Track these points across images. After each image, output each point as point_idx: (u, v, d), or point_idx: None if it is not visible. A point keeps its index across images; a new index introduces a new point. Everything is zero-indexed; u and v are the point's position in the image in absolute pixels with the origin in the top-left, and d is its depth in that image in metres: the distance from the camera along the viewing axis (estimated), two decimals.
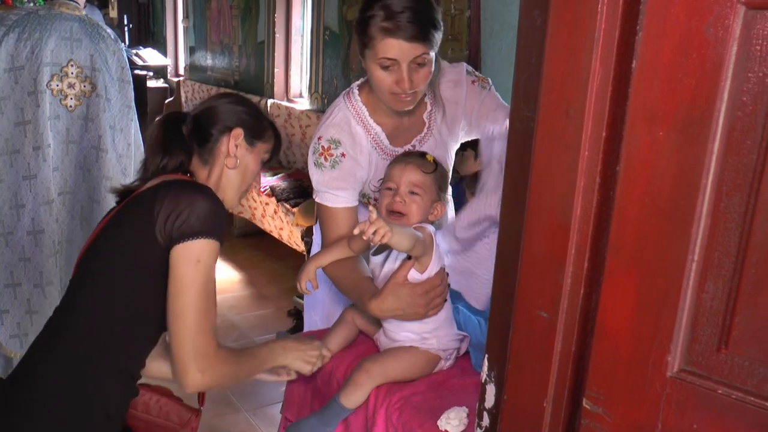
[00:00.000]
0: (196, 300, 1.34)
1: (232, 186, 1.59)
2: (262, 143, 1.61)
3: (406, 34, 1.54)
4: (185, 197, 1.36)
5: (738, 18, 0.67)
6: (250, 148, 1.58)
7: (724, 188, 0.72)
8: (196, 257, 1.34)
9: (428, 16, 1.56)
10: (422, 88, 1.64)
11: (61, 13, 2.73)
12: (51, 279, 2.82)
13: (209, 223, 1.36)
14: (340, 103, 1.78)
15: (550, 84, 0.83)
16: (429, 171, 1.60)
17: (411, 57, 1.57)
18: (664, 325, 0.78)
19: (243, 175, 1.59)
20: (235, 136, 1.54)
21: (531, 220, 0.88)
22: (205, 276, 1.36)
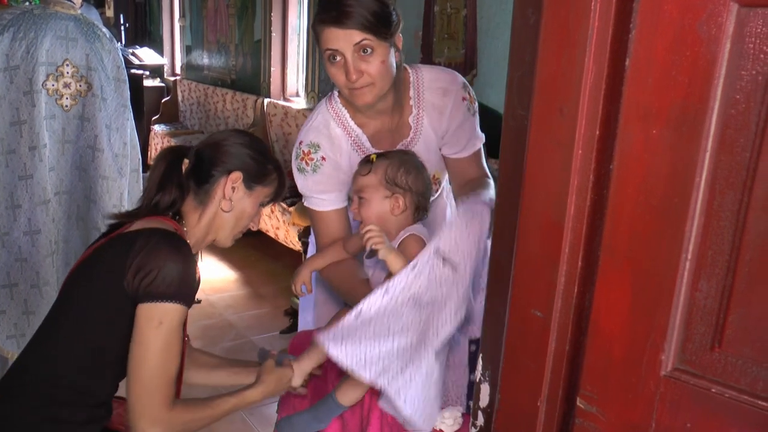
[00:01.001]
0: (152, 361, 1.36)
1: (224, 228, 1.58)
2: (262, 187, 1.59)
3: (341, 21, 1.53)
4: (158, 257, 1.36)
5: (731, 16, 0.67)
6: (248, 191, 1.56)
7: (718, 186, 0.72)
8: (158, 319, 1.36)
9: (368, 3, 1.54)
10: (379, 78, 1.59)
11: (57, 13, 2.72)
12: (48, 279, 2.81)
13: (176, 289, 1.36)
14: (321, 106, 1.78)
15: (544, 82, 0.82)
16: (364, 173, 1.59)
17: (350, 44, 1.54)
18: (658, 323, 0.78)
19: (237, 219, 1.58)
20: (233, 179, 1.53)
21: (524, 219, 0.88)
22: (165, 338, 1.37)
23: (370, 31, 1.54)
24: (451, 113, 1.76)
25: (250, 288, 4.41)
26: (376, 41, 1.55)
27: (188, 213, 1.56)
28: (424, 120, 1.76)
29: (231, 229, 1.59)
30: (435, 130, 1.76)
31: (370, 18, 1.53)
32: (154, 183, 1.53)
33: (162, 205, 1.52)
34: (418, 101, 1.75)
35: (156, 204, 1.51)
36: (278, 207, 4.32)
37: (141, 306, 1.36)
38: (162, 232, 1.43)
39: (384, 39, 1.57)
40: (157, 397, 1.37)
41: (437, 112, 1.76)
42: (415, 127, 1.76)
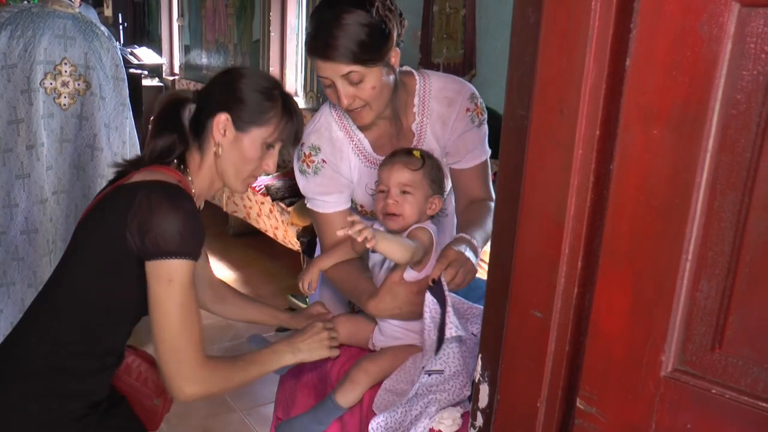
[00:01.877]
0: (173, 319, 1.33)
1: (228, 175, 1.50)
2: (258, 127, 1.46)
3: (323, 52, 1.52)
4: (158, 212, 1.31)
5: (732, 16, 0.67)
6: (240, 133, 1.46)
7: (719, 187, 0.72)
8: (167, 277, 1.32)
9: (352, 31, 1.50)
10: (373, 101, 1.59)
11: (55, 11, 2.72)
12: (45, 278, 2.80)
13: (179, 244, 1.32)
14: (324, 108, 1.77)
15: (544, 82, 0.82)
16: (416, 168, 1.57)
17: (338, 75, 1.53)
18: (658, 324, 0.78)
19: (238, 164, 1.48)
20: (219, 122, 1.44)
21: (525, 219, 0.87)
22: (180, 294, 1.33)
23: (357, 62, 1.52)
24: (454, 124, 1.73)
25: (249, 288, 4.40)
26: (364, 69, 1.53)
27: (191, 161, 1.50)
28: (427, 128, 1.74)
29: (235, 174, 1.49)
30: (438, 140, 1.74)
31: (356, 50, 1.50)
32: (152, 129, 1.48)
33: (160, 152, 1.45)
34: (422, 109, 1.73)
35: (159, 152, 1.45)
36: (277, 207, 4.31)
37: (148, 264, 1.33)
38: (161, 185, 1.36)
39: (373, 65, 1.54)
40: (187, 354, 1.34)
41: (441, 122, 1.73)
42: (419, 135, 1.74)
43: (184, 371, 1.34)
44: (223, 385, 1.40)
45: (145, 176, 1.39)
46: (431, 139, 1.74)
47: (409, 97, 1.72)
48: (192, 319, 1.35)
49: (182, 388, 1.35)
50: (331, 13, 1.51)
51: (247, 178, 1.52)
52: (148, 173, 1.40)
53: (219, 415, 2.94)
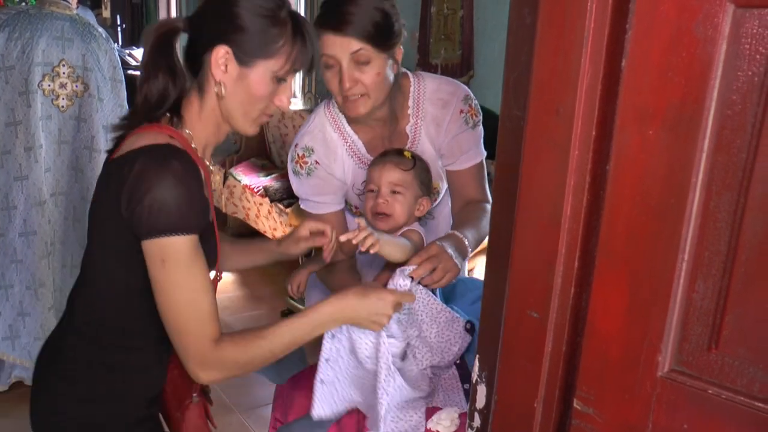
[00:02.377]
0: (172, 302, 1.21)
1: (235, 117, 1.29)
2: (264, 60, 1.24)
3: (337, 25, 1.50)
4: (144, 185, 1.15)
5: (727, 16, 0.67)
6: (245, 69, 1.24)
7: (714, 187, 0.72)
8: (159, 257, 1.18)
9: (370, 13, 1.51)
10: (374, 90, 1.57)
11: (52, 13, 2.72)
12: (43, 281, 2.81)
13: (169, 219, 1.15)
14: (319, 109, 1.76)
15: (540, 83, 0.82)
16: (407, 168, 1.58)
17: (347, 52, 1.52)
18: (655, 324, 0.78)
19: (246, 104, 1.27)
20: (216, 57, 1.22)
21: (521, 220, 0.87)
22: (177, 274, 1.19)
23: (368, 41, 1.51)
24: (448, 126, 1.73)
25: (247, 289, 4.40)
26: (373, 52, 1.53)
27: (189, 107, 1.29)
28: (421, 130, 1.73)
29: (243, 116, 1.28)
30: (432, 142, 1.74)
31: (370, 28, 1.51)
32: (143, 71, 1.26)
33: (156, 100, 1.25)
34: (416, 111, 1.72)
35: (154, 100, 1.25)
36: (275, 208, 4.31)
37: (142, 243, 1.19)
38: (148, 150, 1.19)
39: (382, 51, 1.54)
40: (194, 339, 1.21)
41: (435, 124, 1.73)
42: (413, 137, 1.73)
43: (194, 357, 1.22)
44: (244, 366, 1.26)
45: (133, 143, 1.22)
46: (425, 141, 1.74)
47: (403, 99, 1.72)
48: (196, 300, 1.21)
49: (197, 374, 1.23)
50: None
51: (259, 118, 1.31)
52: (136, 138, 1.23)
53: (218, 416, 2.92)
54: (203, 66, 1.25)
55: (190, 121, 1.29)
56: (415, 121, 1.72)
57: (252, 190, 4.55)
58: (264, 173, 4.80)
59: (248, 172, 4.88)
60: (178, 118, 1.29)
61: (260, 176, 4.73)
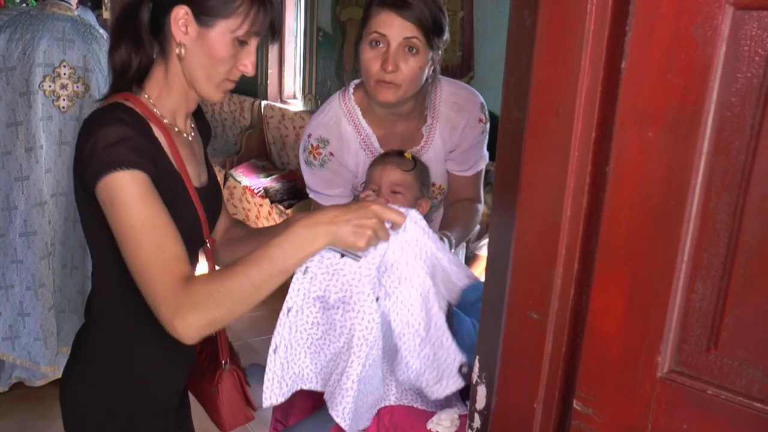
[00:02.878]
0: (130, 247, 1.14)
1: (198, 80, 1.27)
2: (224, 20, 1.22)
3: (405, 10, 1.52)
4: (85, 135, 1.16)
5: (726, 18, 0.67)
6: (204, 29, 1.22)
7: (713, 189, 0.72)
8: (108, 200, 1.14)
9: (433, 10, 1.54)
10: (408, 81, 1.59)
11: (53, 14, 2.73)
12: (44, 281, 2.81)
13: (106, 157, 1.12)
14: (334, 100, 1.77)
15: (540, 84, 0.83)
16: (408, 169, 1.59)
17: (401, 35, 1.54)
18: (654, 325, 0.78)
19: (207, 66, 1.25)
20: (175, 17, 1.21)
21: (521, 221, 0.88)
22: (127, 213, 1.13)
23: (424, 30, 1.54)
24: (464, 132, 1.76)
25: None
26: (424, 44, 1.56)
27: (154, 73, 1.29)
28: (436, 132, 1.76)
29: (206, 79, 1.26)
30: (444, 143, 1.77)
31: (429, 20, 1.54)
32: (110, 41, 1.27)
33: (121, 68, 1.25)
34: (433, 112, 1.75)
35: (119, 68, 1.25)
36: (276, 209, 4.31)
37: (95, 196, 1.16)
38: (92, 115, 1.20)
39: (430, 46, 1.57)
40: (160, 281, 1.12)
41: (449, 127, 1.75)
42: (427, 137, 1.76)
43: (164, 302, 1.12)
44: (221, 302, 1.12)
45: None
46: (438, 142, 1.76)
47: (423, 100, 1.75)
48: (155, 239, 1.13)
49: (172, 323, 1.12)
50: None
51: (222, 83, 1.29)
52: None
53: None
54: (164, 28, 1.24)
55: (151, 86, 1.29)
56: (432, 122, 1.75)
57: (252, 191, 4.55)
58: (264, 174, 4.80)
59: (248, 173, 4.88)
60: (139, 87, 1.28)
61: (260, 177, 4.73)
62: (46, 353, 2.87)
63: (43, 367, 2.89)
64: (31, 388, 3.01)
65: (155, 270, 1.13)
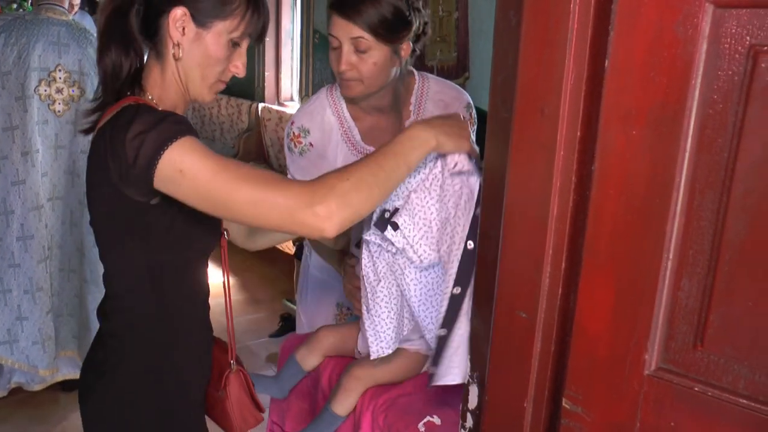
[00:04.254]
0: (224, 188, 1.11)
1: (192, 81, 1.28)
2: (222, 21, 1.24)
3: (344, 9, 1.55)
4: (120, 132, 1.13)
5: (707, 16, 0.68)
6: (201, 30, 1.24)
7: (698, 186, 0.72)
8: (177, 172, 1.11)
9: (379, 4, 1.54)
10: (368, 78, 1.61)
11: (48, 18, 2.73)
12: (41, 285, 2.81)
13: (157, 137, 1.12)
14: (322, 92, 1.80)
15: (526, 84, 0.83)
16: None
17: (348, 36, 1.56)
18: (641, 323, 0.78)
19: (202, 67, 1.26)
20: (174, 18, 1.21)
21: (509, 221, 0.88)
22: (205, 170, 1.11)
23: (370, 31, 1.55)
24: None
25: (246, 293, 4.41)
26: (374, 42, 1.56)
27: (150, 75, 1.28)
28: None
29: (201, 79, 1.27)
30: None
31: (375, 21, 1.55)
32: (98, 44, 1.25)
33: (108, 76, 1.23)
34: (418, 108, 1.76)
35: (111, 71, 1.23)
36: None
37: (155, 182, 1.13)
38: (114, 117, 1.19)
39: (384, 43, 1.58)
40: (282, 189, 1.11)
41: None
42: None
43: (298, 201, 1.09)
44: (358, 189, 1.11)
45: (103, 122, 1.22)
46: None
47: (407, 95, 1.75)
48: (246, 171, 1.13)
49: (315, 214, 1.08)
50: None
51: (215, 84, 1.30)
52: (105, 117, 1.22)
53: None
54: (160, 30, 1.24)
55: (152, 87, 1.28)
56: (416, 117, 1.75)
57: None
58: None
59: None
60: (140, 88, 1.27)
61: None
62: (44, 357, 2.87)
63: (41, 370, 2.89)
64: (30, 393, 3.01)
65: (269, 188, 1.11)
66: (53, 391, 3.06)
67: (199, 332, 1.39)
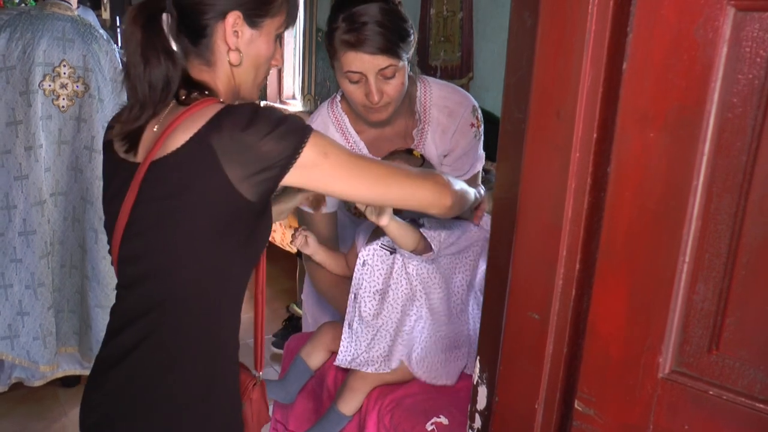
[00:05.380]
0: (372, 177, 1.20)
1: (246, 82, 1.27)
2: (271, 18, 1.24)
3: (369, 47, 1.50)
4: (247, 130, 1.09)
5: (728, 20, 0.67)
6: (255, 31, 1.23)
7: (715, 190, 0.72)
8: (322, 154, 1.14)
9: (394, 27, 1.51)
10: (396, 98, 1.59)
11: (53, 14, 2.72)
12: (43, 280, 2.81)
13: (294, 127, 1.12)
14: (322, 108, 1.77)
15: (541, 85, 0.83)
16: (416, 166, 1.58)
17: (376, 69, 1.52)
18: (656, 326, 0.78)
19: (256, 67, 1.27)
20: (230, 23, 1.19)
21: (522, 222, 0.88)
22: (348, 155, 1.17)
23: (394, 55, 1.52)
24: (456, 136, 1.73)
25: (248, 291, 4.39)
26: (399, 64, 1.54)
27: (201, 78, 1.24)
28: (428, 135, 1.74)
29: (253, 80, 1.28)
30: (437, 147, 1.75)
31: (400, 44, 1.52)
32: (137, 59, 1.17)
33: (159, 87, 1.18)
34: (424, 115, 1.73)
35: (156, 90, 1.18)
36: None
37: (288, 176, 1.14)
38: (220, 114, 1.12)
39: (404, 60, 1.56)
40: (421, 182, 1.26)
41: (441, 130, 1.74)
42: (418, 140, 1.74)
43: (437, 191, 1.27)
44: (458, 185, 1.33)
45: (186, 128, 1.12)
46: (430, 146, 1.74)
47: (410, 102, 1.73)
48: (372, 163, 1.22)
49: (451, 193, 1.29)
50: (365, 8, 1.49)
51: (262, 81, 1.32)
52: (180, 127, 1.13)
53: None
54: (208, 37, 1.21)
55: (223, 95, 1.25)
56: (423, 125, 1.72)
57: None
58: None
59: None
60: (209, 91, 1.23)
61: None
62: (45, 353, 2.87)
63: (42, 366, 2.89)
64: (31, 389, 3.01)
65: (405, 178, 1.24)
66: (53, 387, 3.06)
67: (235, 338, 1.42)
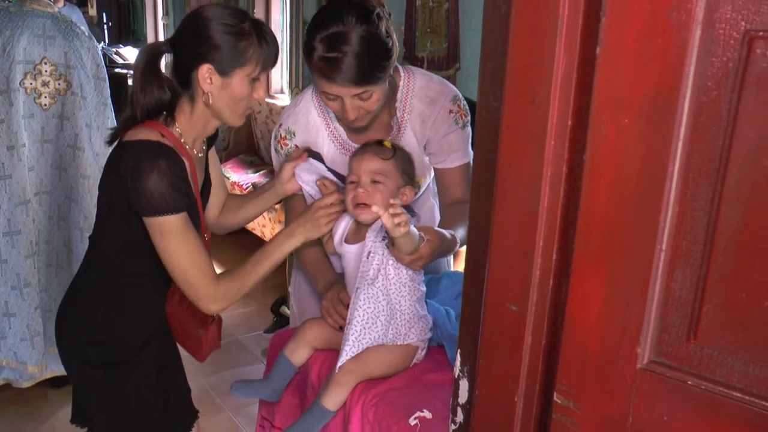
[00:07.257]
0: (176, 262, 1.52)
1: (224, 113, 1.56)
2: (240, 69, 1.50)
3: (343, 81, 1.49)
4: (137, 175, 1.44)
5: (701, 1, 0.66)
6: (226, 79, 1.50)
7: (691, 175, 0.71)
8: (159, 231, 1.49)
9: (372, 55, 1.49)
10: (374, 110, 1.60)
11: (33, 10, 2.69)
12: (29, 281, 2.78)
13: (162, 203, 1.45)
14: (306, 92, 1.78)
15: (515, 72, 0.81)
16: (387, 157, 1.56)
17: (349, 95, 1.52)
18: (634, 315, 0.77)
19: (231, 104, 1.54)
20: (203, 73, 1.49)
21: (499, 212, 0.86)
22: (175, 243, 1.50)
23: (370, 84, 1.52)
24: (434, 124, 1.73)
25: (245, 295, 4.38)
26: (375, 87, 1.54)
27: (181, 111, 1.56)
28: (407, 124, 1.73)
29: (231, 113, 1.56)
30: (417, 137, 1.74)
31: (372, 72, 1.50)
32: (137, 85, 1.53)
33: (150, 109, 1.53)
34: (404, 105, 1.72)
35: (151, 107, 1.53)
36: None
37: (144, 219, 1.49)
38: (142, 146, 1.47)
39: (383, 80, 1.55)
40: (200, 283, 1.53)
41: (421, 119, 1.73)
42: (397, 129, 1.73)
43: (202, 296, 1.55)
44: (241, 292, 1.61)
45: (131, 136, 1.50)
46: (410, 135, 1.73)
47: (392, 93, 1.72)
48: (193, 256, 1.52)
49: (207, 307, 1.58)
50: (343, 35, 1.46)
51: (243, 112, 1.59)
52: (134, 132, 1.51)
53: (208, 414, 2.92)
54: (192, 82, 1.51)
55: (181, 122, 1.57)
56: (402, 114, 1.72)
57: (241, 186, 4.52)
58: (252, 170, 4.78)
59: (237, 168, 4.86)
60: (172, 118, 1.56)
61: (249, 173, 4.71)
62: (33, 353, 2.84)
63: (30, 367, 2.86)
64: (19, 390, 2.99)
65: (196, 277, 1.54)
66: (42, 387, 3.04)
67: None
